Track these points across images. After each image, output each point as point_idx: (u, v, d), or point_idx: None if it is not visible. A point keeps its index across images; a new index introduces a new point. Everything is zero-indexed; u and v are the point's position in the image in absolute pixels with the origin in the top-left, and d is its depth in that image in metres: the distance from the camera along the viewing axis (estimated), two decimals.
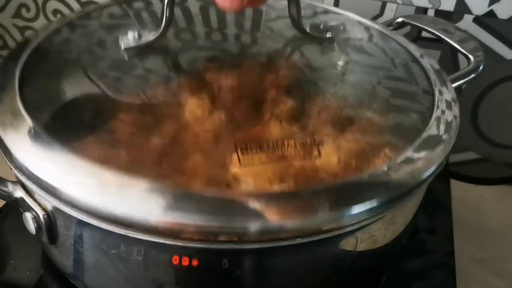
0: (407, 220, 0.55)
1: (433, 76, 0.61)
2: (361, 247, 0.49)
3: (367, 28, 0.72)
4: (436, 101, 0.57)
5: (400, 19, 0.77)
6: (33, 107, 0.53)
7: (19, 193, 0.51)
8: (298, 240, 0.45)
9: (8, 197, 0.52)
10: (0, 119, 0.51)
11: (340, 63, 0.64)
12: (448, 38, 0.72)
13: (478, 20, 0.82)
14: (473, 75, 0.67)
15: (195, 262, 0.45)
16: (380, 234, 0.50)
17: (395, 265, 0.63)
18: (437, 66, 0.64)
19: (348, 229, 0.46)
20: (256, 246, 0.45)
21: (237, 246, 0.45)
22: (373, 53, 0.66)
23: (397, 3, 0.83)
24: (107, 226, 0.45)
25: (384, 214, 0.48)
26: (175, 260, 0.45)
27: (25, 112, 0.51)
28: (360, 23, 0.73)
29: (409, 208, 0.55)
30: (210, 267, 0.46)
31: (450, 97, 0.58)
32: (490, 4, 0.80)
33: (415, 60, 0.65)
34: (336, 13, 0.75)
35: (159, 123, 0.52)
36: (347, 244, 0.48)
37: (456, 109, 0.57)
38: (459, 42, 0.71)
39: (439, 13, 0.82)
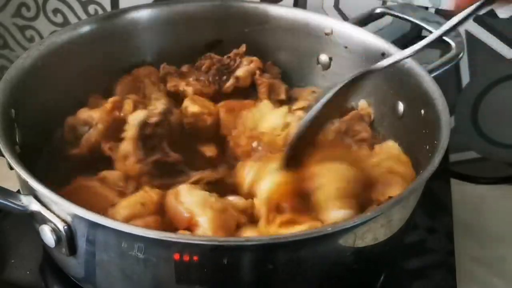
0: (406, 216, 0.55)
1: None
2: (361, 243, 0.49)
3: None
4: None
5: (379, 10, 0.76)
6: None
7: (34, 206, 0.48)
8: (301, 236, 0.45)
9: (23, 211, 0.48)
10: None
11: None
12: (430, 27, 0.70)
13: (478, 19, 0.81)
14: (455, 61, 0.67)
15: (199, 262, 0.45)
16: (380, 231, 0.50)
17: (395, 264, 0.63)
18: None
19: (348, 225, 0.46)
20: (256, 243, 0.45)
21: (239, 243, 0.45)
22: None
23: (397, 2, 0.83)
24: (137, 230, 0.43)
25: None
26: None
27: None
28: None
29: (409, 204, 0.54)
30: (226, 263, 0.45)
31: None
32: None
33: None
34: None
35: None
36: (348, 241, 0.48)
37: None
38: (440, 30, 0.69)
39: (440, 12, 0.82)
